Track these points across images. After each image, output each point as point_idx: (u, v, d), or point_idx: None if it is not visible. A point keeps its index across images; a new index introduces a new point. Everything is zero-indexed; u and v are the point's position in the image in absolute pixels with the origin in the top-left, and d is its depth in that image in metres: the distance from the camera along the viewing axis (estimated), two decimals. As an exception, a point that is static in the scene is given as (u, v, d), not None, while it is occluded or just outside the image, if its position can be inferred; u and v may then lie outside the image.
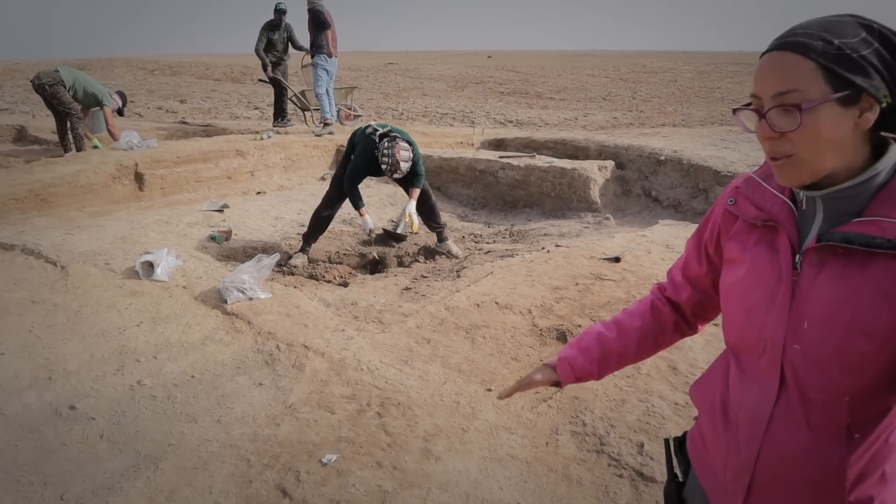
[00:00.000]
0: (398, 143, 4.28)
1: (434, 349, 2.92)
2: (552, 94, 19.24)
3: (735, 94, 18.57)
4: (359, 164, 4.46)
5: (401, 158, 4.26)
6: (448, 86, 20.86)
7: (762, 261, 0.97)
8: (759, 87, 0.89)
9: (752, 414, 0.96)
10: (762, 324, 0.95)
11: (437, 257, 4.90)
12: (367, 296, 3.82)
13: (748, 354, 0.99)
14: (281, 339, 2.96)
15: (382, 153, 4.27)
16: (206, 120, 10.97)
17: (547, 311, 3.37)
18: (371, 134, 4.47)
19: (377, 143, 4.40)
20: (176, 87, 17.19)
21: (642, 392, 2.50)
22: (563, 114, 14.39)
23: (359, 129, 4.69)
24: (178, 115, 11.77)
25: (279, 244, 5.07)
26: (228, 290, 3.36)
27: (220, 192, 6.32)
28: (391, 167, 4.28)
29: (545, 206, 6.55)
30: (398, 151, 4.26)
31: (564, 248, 4.54)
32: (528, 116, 13.74)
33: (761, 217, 0.99)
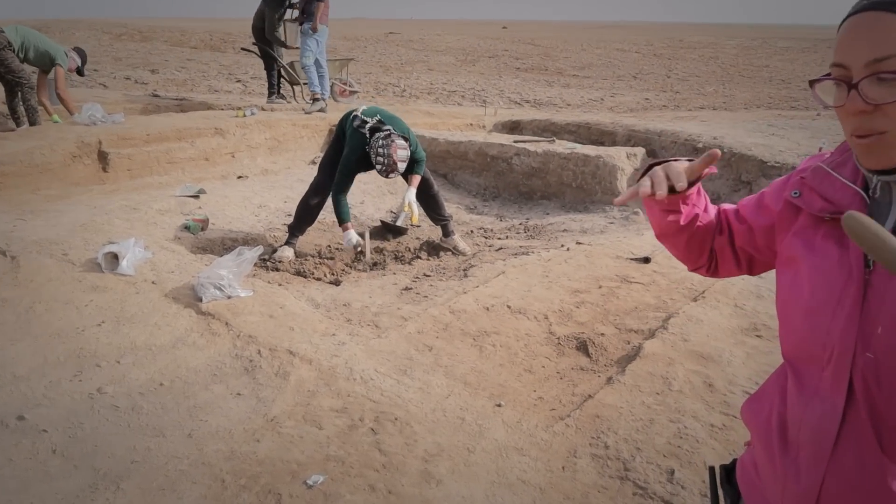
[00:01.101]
0: (395, 142, 4.28)
1: (437, 358, 2.92)
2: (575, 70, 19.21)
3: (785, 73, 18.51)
4: (348, 165, 4.48)
5: (398, 158, 4.28)
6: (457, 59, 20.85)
7: (829, 258, 0.96)
8: (847, 55, 0.88)
9: (814, 435, 0.95)
10: (827, 329, 0.93)
11: (442, 254, 4.90)
12: (361, 296, 3.82)
13: (810, 365, 0.97)
14: (263, 344, 2.96)
15: (377, 153, 4.28)
16: (181, 93, 10.99)
17: (566, 316, 3.36)
18: (359, 128, 4.48)
19: (367, 138, 4.40)
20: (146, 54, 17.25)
21: (673, 411, 2.49)
22: (588, 93, 14.35)
23: (348, 115, 4.68)
24: (148, 87, 11.81)
25: (262, 236, 5.07)
26: (204, 287, 3.37)
27: (195, 176, 6.33)
28: (387, 168, 4.29)
29: (565, 199, 6.53)
30: (395, 151, 4.27)
31: (586, 245, 4.53)
32: (548, 96, 13.71)
33: (829, 210, 0.98)
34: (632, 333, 3.18)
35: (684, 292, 3.63)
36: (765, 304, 3.38)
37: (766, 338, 3.04)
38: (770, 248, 1.13)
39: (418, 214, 4.66)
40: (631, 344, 3.08)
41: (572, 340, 3.13)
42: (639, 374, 2.73)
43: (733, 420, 2.42)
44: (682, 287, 3.69)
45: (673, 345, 2.95)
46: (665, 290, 3.65)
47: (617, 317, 3.36)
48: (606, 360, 2.97)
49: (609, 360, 2.98)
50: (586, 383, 2.81)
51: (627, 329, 3.23)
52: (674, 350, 2.91)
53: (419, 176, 4.66)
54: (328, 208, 5.35)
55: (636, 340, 3.10)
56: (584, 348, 3.07)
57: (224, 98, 10.23)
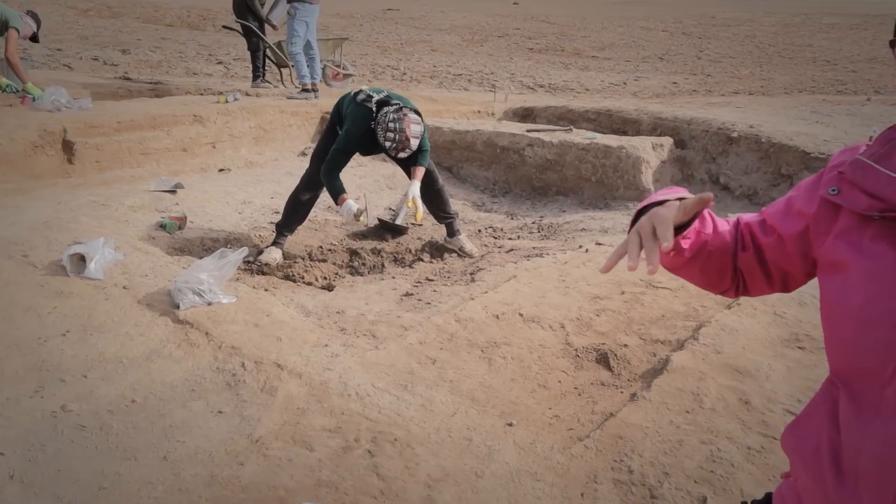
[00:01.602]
0: (408, 115, 4.23)
1: (441, 371, 2.92)
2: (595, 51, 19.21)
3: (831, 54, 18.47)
4: (349, 142, 4.42)
5: (411, 134, 4.23)
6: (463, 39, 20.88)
7: (883, 261, 0.95)
8: None
9: (877, 462, 0.93)
10: (888, 341, 0.92)
11: (447, 255, 4.90)
12: (357, 302, 3.83)
13: (867, 383, 0.96)
14: (247, 356, 2.96)
15: (387, 127, 4.20)
16: (155, 76, 11.01)
17: (584, 326, 3.36)
18: (365, 101, 4.43)
19: (374, 113, 4.37)
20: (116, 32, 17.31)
21: (705, 431, 2.48)
22: (609, 77, 14.35)
23: (346, 95, 4.67)
24: (118, 69, 11.84)
25: (247, 235, 5.09)
26: (182, 293, 3.37)
27: (172, 168, 6.35)
28: (398, 145, 4.23)
29: (583, 194, 6.53)
30: (408, 125, 4.21)
31: (607, 247, 4.53)
32: (564, 80, 13.72)
33: (878, 207, 0.97)
34: (658, 345, 3.18)
35: (717, 299, 3.62)
36: (808, 312, 3.37)
37: (809, 350, 3.03)
38: (805, 256, 1.12)
39: (422, 212, 4.64)
40: (657, 356, 3.08)
41: (592, 352, 3.13)
42: (666, 389, 2.73)
43: (773, 442, 2.41)
44: (715, 293, 3.67)
45: (704, 357, 2.95)
46: (695, 297, 3.64)
47: (642, 326, 3.35)
48: (630, 375, 2.97)
49: (633, 374, 2.98)
50: (608, 400, 2.80)
51: (653, 340, 3.23)
52: (705, 363, 2.91)
53: (423, 168, 4.65)
54: (320, 204, 5.36)
55: (663, 352, 3.10)
56: (605, 361, 3.07)
57: (204, 82, 10.25)
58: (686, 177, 6.66)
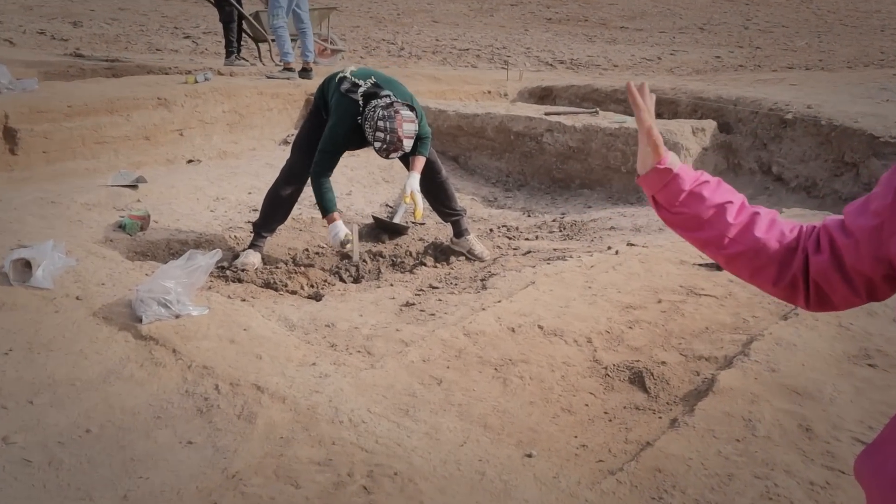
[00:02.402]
0: (399, 112, 4.22)
1: (448, 394, 2.91)
2: (624, 21, 19.20)
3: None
4: (335, 142, 4.44)
5: (404, 134, 4.22)
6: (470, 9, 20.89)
7: None
8: None
9: None
10: None
11: (453, 259, 4.90)
12: (349, 314, 3.83)
13: None
14: (222, 377, 2.96)
15: (376, 126, 4.19)
16: (112, 52, 11.05)
17: (615, 340, 3.35)
18: (349, 92, 4.44)
19: (360, 106, 4.38)
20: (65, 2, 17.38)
21: (759, 464, 2.47)
22: (640, 51, 14.35)
23: (331, 78, 4.66)
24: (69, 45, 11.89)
25: (220, 236, 5.09)
26: (144, 304, 3.37)
27: (132, 160, 6.36)
28: (389, 146, 4.23)
29: (612, 187, 6.51)
30: (400, 124, 4.19)
31: (641, 248, 4.53)
32: (589, 54, 13.72)
33: None
34: (702, 362, 3.17)
35: (771, 307, 3.61)
36: (879, 324, 3.35)
37: (881, 368, 3.01)
38: (878, 257, 1.11)
39: (422, 208, 4.63)
40: (701, 375, 3.07)
41: (624, 371, 3.12)
42: (712, 414, 2.72)
43: (839, 476, 2.40)
44: (768, 301, 3.67)
45: (757, 376, 2.94)
46: (745, 305, 3.63)
47: (682, 340, 3.34)
48: (669, 397, 2.96)
49: (673, 396, 2.97)
50: (643, 427, 2.79)
51: (696, 356, 3.22)
52: (758, 383, 2.89)
53: (424, 158, 4.65)
54: (305, 200, 5.36)
55: (708, 371, 3.09)
56: (639, 381, 3.06)
57: (169, 59, 10.27)
58: (732, 166, 6.64)
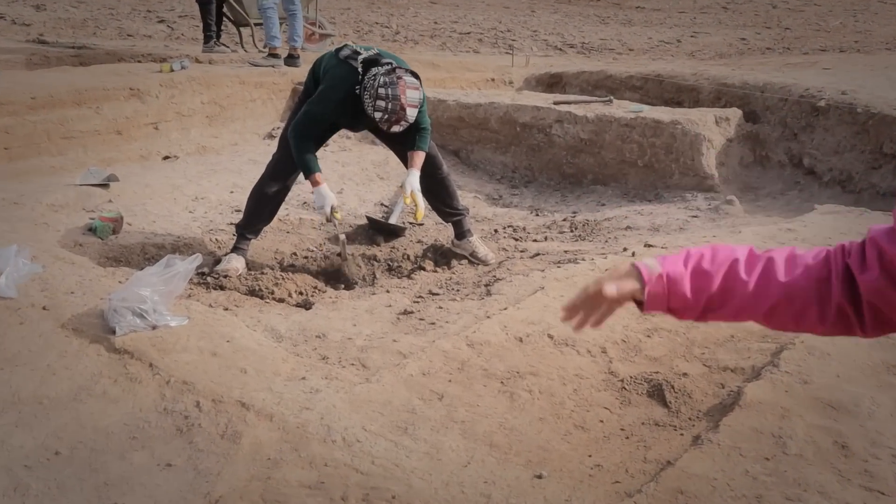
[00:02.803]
0: (403, 78, 4.17)
1: (450, 410, 2.90)
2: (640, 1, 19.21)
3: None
4: (324, 106, 4.40)
5: (407, 101, 4.16)
6: (471, -11, 20.90)
7: None
8: None
9: None
10: None
11: (455, 263, 4.90)
12: (342, 324, 3.82)
13: None
14: (203, 393, 2.94)
15: (377, 94, 4.12)
16: (80, 38, 11.04)
17: (632, 350, 3.35)
18: (349, 58, 4.42)
19: (360, 74, 4.35)
20: (33, -13, 17.39)
21: (791, 484, 2.46)
22: (658, 32, 14.35)
23: (325, 54, 4.66)
24: (31, 30, 11.88)
25: (200, 240, 5.08)
26: (118, 314, 3.36)
27: (103, 156, 6.35)
28: (391, 115, 4.16)
29: (627, 183, 6.51)
30: (403, 90, 4.13)
31: (660, 249, 4.51)
32: (602, 37, 13.72)
33: None
34: (727, 373, 3.16)
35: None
36: (919, 330, 3.33)
37: (922, 377, 3.00)
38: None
39: (423, 208, 4.60)
40: (726, 388, 3.06)
41: (642, 383, 3.11)
42: (739, 430, 2.70)
43: (879, 499, 2.38)
44: (799, 306, 3.65)
45: (788, 388, 2.92)
46: (774, 311, 3.61)
47: (705, 349, 3.33)
48: (691, 412, 2.95)
49: (695, 410, 2.96)
50: (663, 444, 2.78)
51: (721, 367, 3.21)
52: (789, 396, 2.88)
53: (423, 152, 4.62)
54: (292, 199, 5.36)
55: (734, 383, 3.08)
56: (658, 394, 3.05)
57: (142, 45, 10.25)
58: (759, 158, 6.63)
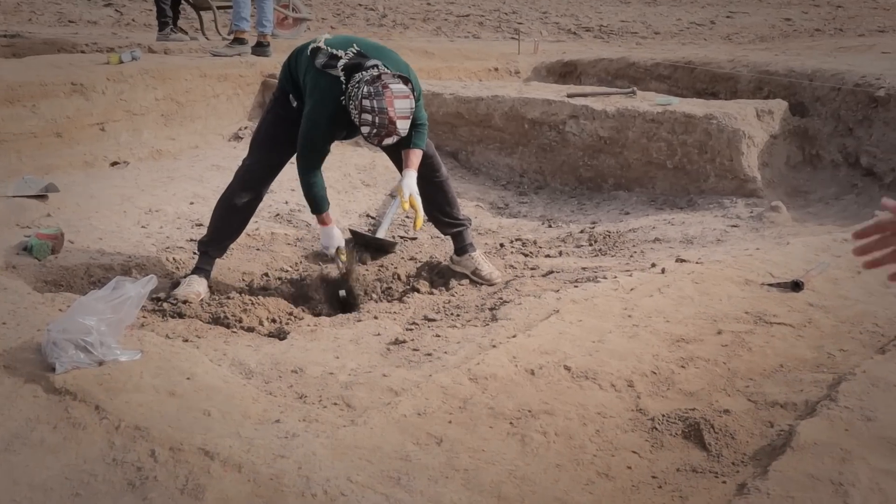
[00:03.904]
0: (389, 87, 4.15)
1: (451, 456, 2.89)
2: (665, -24, 19.30)
3: None
4: (317, 127, 4.42)
5: (396, 114, 4.15)
6: (469, -37, 21.01)
7: None
8: None
9: None
10: None
11: (454, 283, 4.89)
12: (322, 356, 3.80)
13: None
14: (159, 440, 2.93)
15: (361, 106, 4.13)
16: (12, 25, 11.06)
17: (664, 383, 3.34)
18: (326, 67, 4.39)
19: (343, 83, 4.36)
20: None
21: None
22: (688, 13, 14.41)
23: (299, 52, 4.63)
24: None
25: (155, 259, 5.07)
26: (58, 348, 3.35)
27: (40, 163, 6.35)
28: (380, 129, 4.15)
29: (655, 187, 6.52)
30: (391, 102, 4.11)
31: (694, 264, 4.51)
32: (622, 19, 13.77)
33: None
34: (776, 409, 3.15)
35: (863, 338, 3.59)
36: None
37: None
38: None
39: (423, 217, 4.56)
40: (775, 427, 3.05)
41: (676, 423, 3.10)
42: (791, 477, 2.69)
43: (956, 553, 2.38)
44: (860, 329, 3.65)
45: (848, 427, 2.91)
46: (830, 336, 3.61)
47: (750, 381, 3.33)
48: (735, 455, 2.94)
49: (739, 454, 2.94)
50: (702, 495, 2.77)
51: (768, 402, 3.20)
52: (849, 436, 2.87)
53: (421, 151, 4.62)
54: (262, 211, 5.35)
55: (784, 421, 3.07)
56: (696, 435, 3.03)
57: (85, 33, 10.27)
58: (809, 158, 6.63)
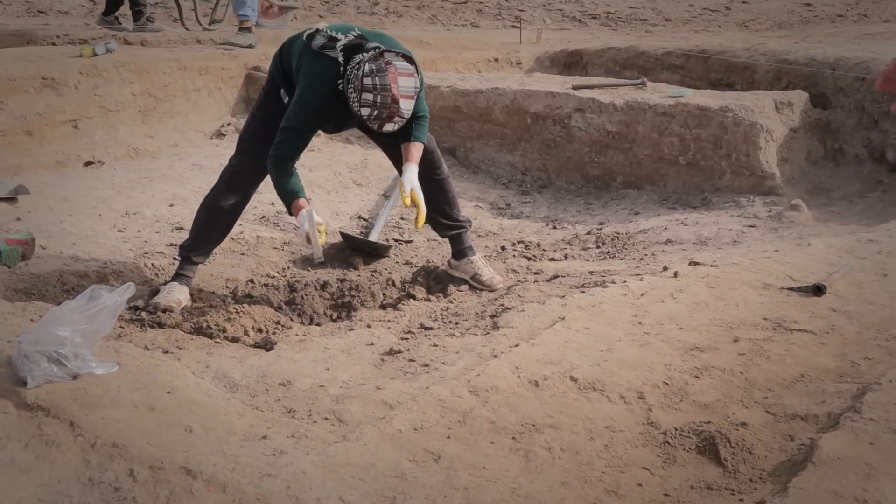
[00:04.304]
0: (393, 63, 4.09)
1: (449, 474, 2.88)
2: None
3: None
4: (305, 115, 4.38)
5: (400, 92, 4.08)
6: (467, -51, 21.06)
7: None
8: None
9: None
10: None
11: (453, 289, 4.89)
12: (311, 367, 3.80)
13: None
14: (138, 458, 2.92)
15: (362, 86, 4.06)
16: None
17: (676, 394, 3.34)
18: (325, 49, 4.37)
19: (341, 65, 4.34)
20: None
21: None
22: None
23: (294, 38, 4.62)
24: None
25: (133, 265, 5.07)
26: (30, 361, 3.34)
27: (9, 163, 6.36)
28: (381, 110, 4.09)
29: (666, 186, 6.53)
30: (394, 79, 4.04)
31: (709, 267, 4.52)
32: (631, 5, 13.79)
33: None
34: (797, 422, 3.15)
35: (890, 345, 3.59)
36: None
37: None
38: None
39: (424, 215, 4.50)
40: (796, 441, 3.04)
41: (690, 437, 3.09)
42: (813, 494, 2.68)
43: None
44: (886, 336, 3.65)
45: (874, 440, 2.91)
46: (854, 343, 3.61)
47: (769, 392, 3.33)
48: (753, 471, 2.93)
49: (757, 469, 2.94)
50: (719, 514, 2.76)
51: (788, 414, 3.20)
52: (875, 450, 2.86)
53: (422, 145, 4.60)
54: (247, 213, 5.35)
55: (805, 434, 3.07)
56: (711, 450, 3.03)
57: (56, 24, 10.27)
58: (831, 153, 6.63)
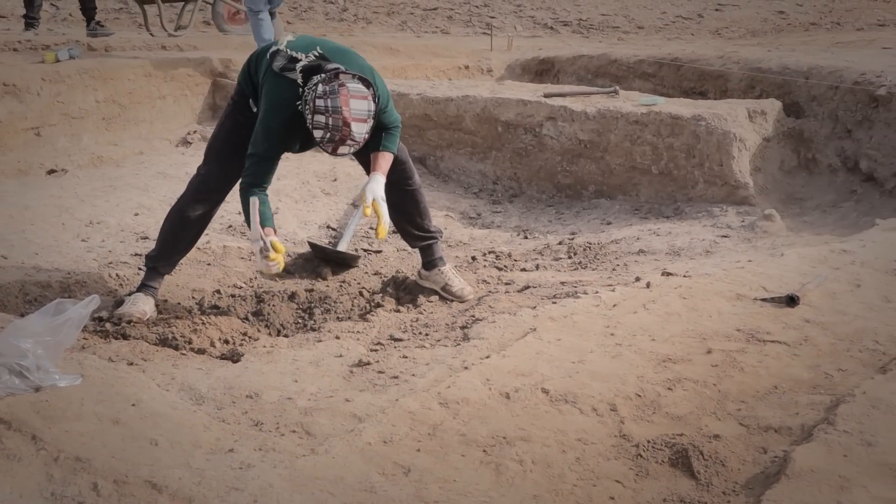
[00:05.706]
0: (346, 85, 4.14)
1: (419, 487, 2.88)
2: (649, -32, 19.45)
3: None
4: (269, 141, 4.41)
5: (352, 115, 4.13)
6: (437, -46, 21.10)
7: None
8: None
9: None
10: None
11: (423, 299, 4.90)
12: (279, 379, 3.79)
13: None
14: (102, 472, 2.90)
15: (314, 108, 4.12)
16: (-66, 21, 11.01)
17: (649, 406, 3.35)
18: (284, 70, 4.39)
19: (301, 87, 4.35)
20: None
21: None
22: (674, 6, 14.52)
23: (261, 52, 4.62)
24: None
25: (97, 276, 5.04)
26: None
27: (-32, 171, 6.32)
28: (333, 132, 4.14)
29: (639, 195, 6.55)
30: (346, 101, 4.10)
31: (682, 278, 4.54)
32: (603, 13, 13.86)
33: None
34: (770, 434, 3.17)
35: (863, 357, 3.62)
36: None
37: None
38: None
39: (387, 226, 4.54)
40: (769, 453, 3.06)
41: (663, 449, 3.10)
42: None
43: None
44: (859, 347, 3.68)
45: (847, 452, 2.93)
46: (828, 355, 3.63)
47: (742, 404, 3.34)
48: (726, 484, 2.95)
49: (731, 482, 2.95)
50: (692, 527, 2.77)
51: (761, 426, 3.21)
52: (849, 462, 2.89)
53: (391, 155, 4.62)
54: (215, 222, 5.32)
55: (778, 446, 3.08)
56: (684, 463, 3.04)
57: (17, 29, 10.20)
58: (805, 162, 6.67)
